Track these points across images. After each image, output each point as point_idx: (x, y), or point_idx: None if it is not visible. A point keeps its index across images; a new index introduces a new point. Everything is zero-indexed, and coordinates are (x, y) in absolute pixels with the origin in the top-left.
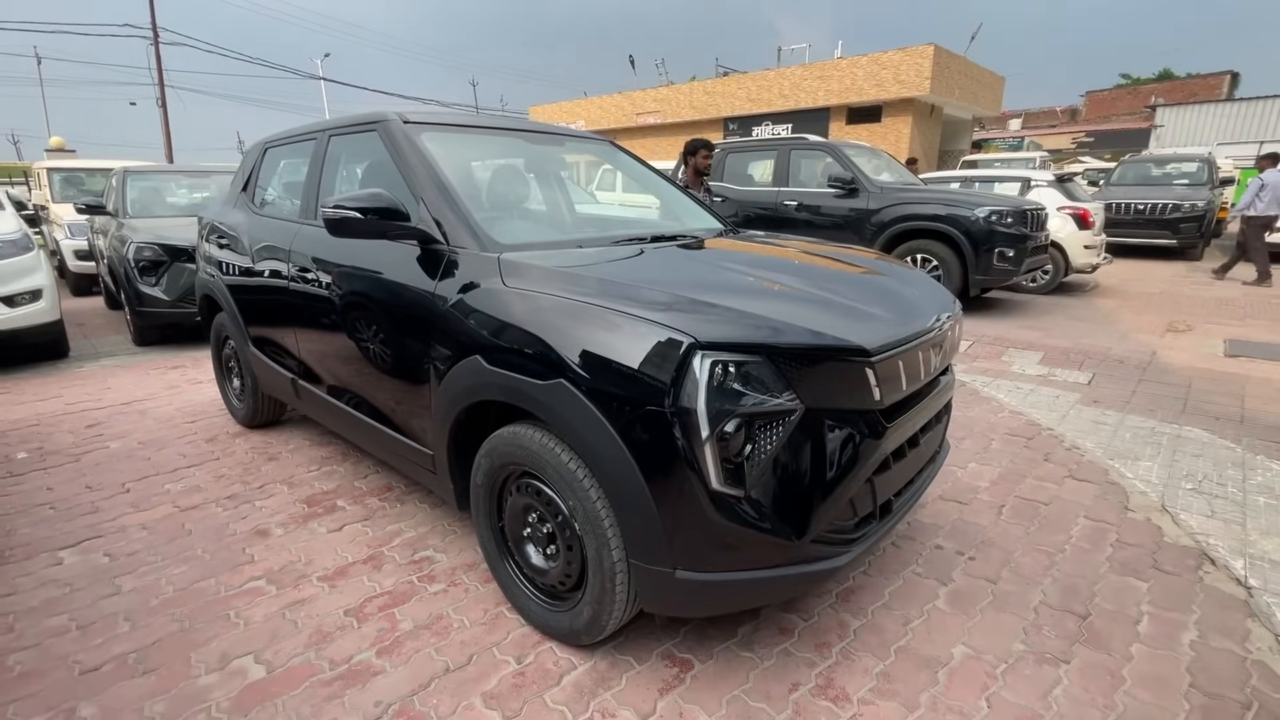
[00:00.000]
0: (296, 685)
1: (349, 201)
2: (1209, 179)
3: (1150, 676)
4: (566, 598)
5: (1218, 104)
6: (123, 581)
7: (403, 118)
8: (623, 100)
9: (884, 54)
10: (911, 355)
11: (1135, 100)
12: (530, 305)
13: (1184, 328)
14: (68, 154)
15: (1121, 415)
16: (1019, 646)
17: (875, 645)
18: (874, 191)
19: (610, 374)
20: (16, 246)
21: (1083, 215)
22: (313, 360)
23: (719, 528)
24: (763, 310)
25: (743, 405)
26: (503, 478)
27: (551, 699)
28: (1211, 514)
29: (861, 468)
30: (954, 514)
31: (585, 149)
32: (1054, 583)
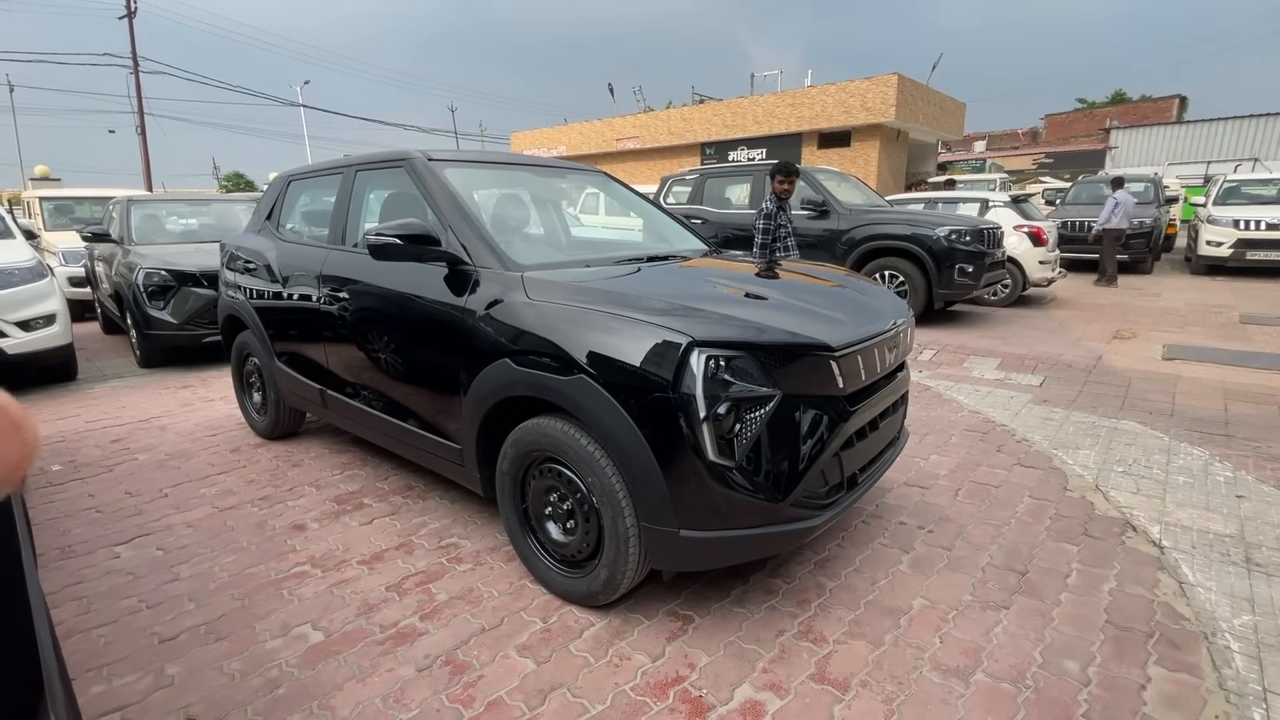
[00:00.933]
0: (353, 645)
1: (389, 230)
2: (1156, 198)
3: (1074, 616)
4: (584, 565)
5: (1168, 126)
6: (180, 570)
7: (427, 155)
8: (602, 126)
9: (851, 82)
10: (869, 352)
11: (1091, 123)
12: (552, 314)
13: (1129, 335)
14: (53, 182)
15: (1067, 412)
16: (967, 598)
17: (847, 600)
18: (843, 213)
19: (623, 369)
20: (32, 273)
21: (1037, 233)
22: (342, 371)
23: (715, 493)
24: (746, 315)
25: (732, 392)
26: (526, 464)
27: (575, 648)
28: (1137, 491)
29: (830, 443)
30: (916, 496)
31: (584, 180)
32: (999, 549)
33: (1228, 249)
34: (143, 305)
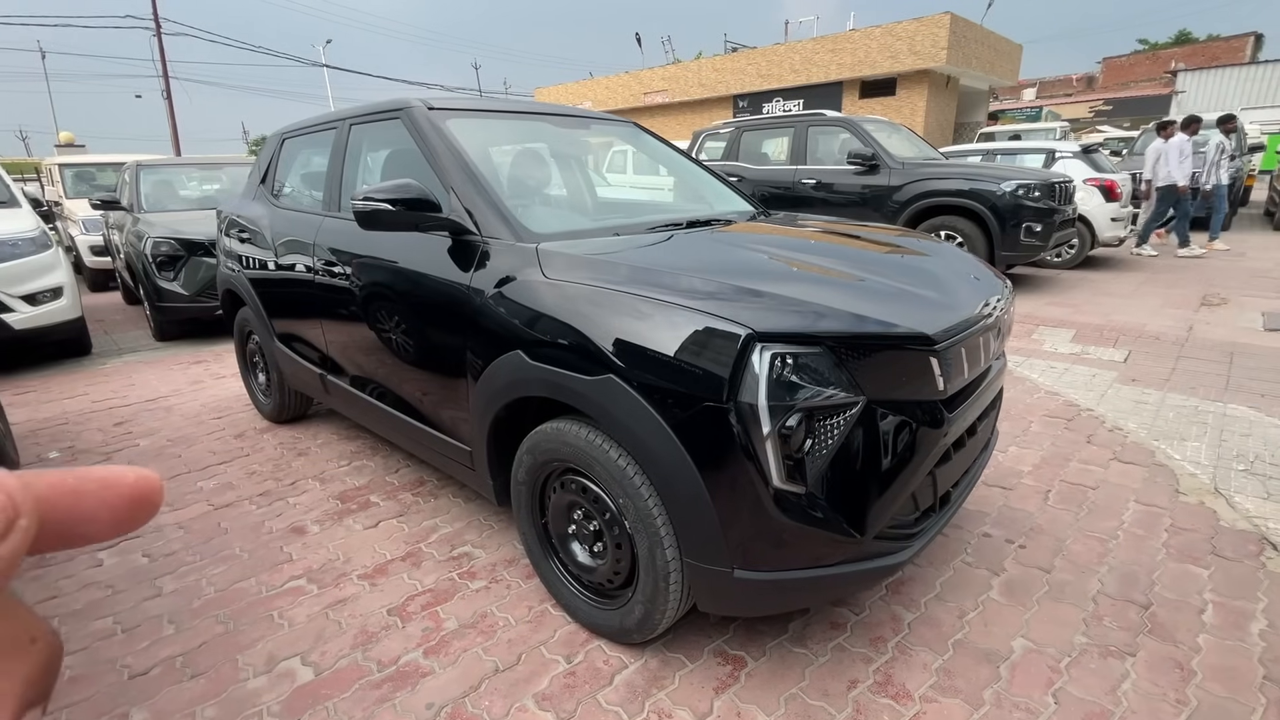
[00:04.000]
0: (346, 688)
1: (378, 193)
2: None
3: (1221, 669)
4: (615, 595)
5: (1241, 68)
6: (163, 583)
7: (427, 104)
8: (630, 80)
9: (898, 24)
10: (973, 341)
11: (1154, 66)
12: (574, 297)
13: (1218, 301)
14: (78, 149)
15: (1162, 394)
16: (1081, 639)
17: (932, 639)
18: (895, 168)
19: (663, 368)
20: (35, 244)
21: (1110, 187)
22: (342, 355)
23: (780, 526)
24: (816, 298)
25: (804, 399)
26: (545, 475)
27: (605, 699)
28: (1267, 495)
29: (925, 460)
30: (999, 500)
31: (609, 131)
32: (1110, 571)
33: None
34: (152, 276)
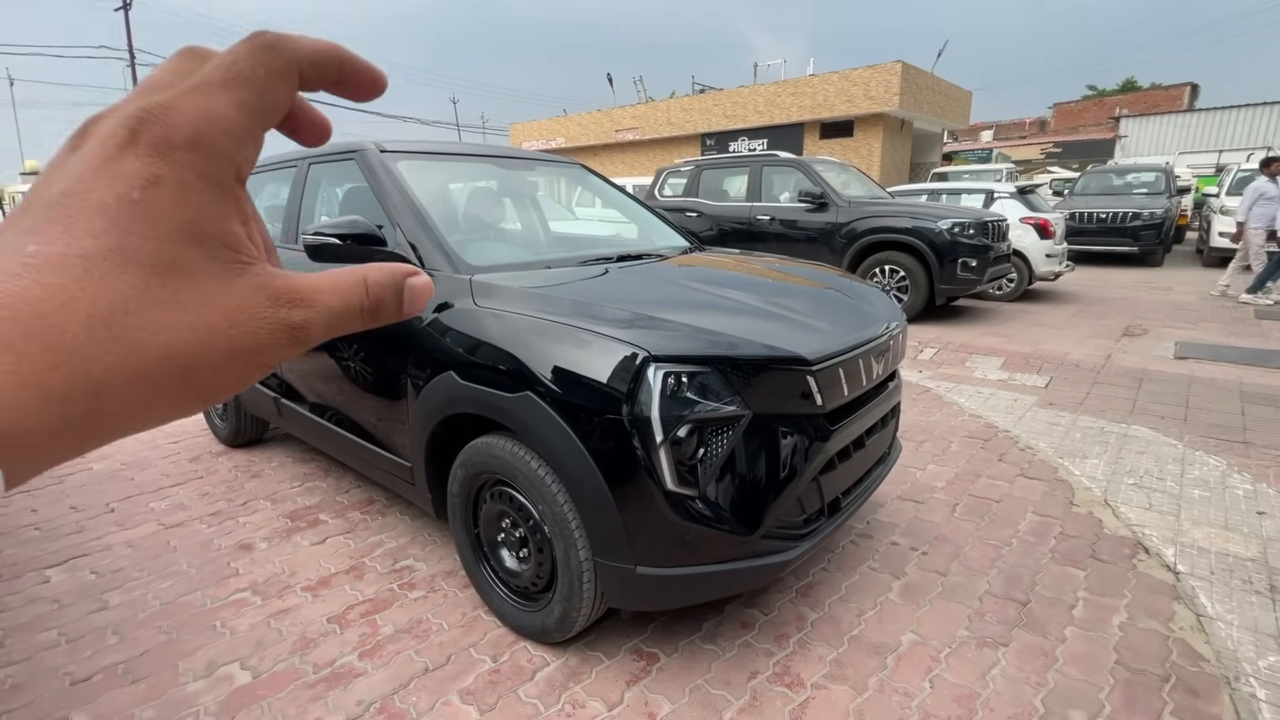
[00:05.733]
0: (281, 689)
1: (328, 228)
2: (1167, 188)
3: (1080, 656)
4: (538, 598)
5: (1179, 114)
6: (110, 597)
7: (380, 147)
8: (601, 118)
9: (854, 70)
10: (853, 363)
11: (1101, 111)
12: (500, 324)
13: (1139, 332)
14: None
15: (1074, 416)
16: (963, 632)
17: (830, 635)
18: (842, 206)
19: (573, 386)
20: None
21: (1044, 225)
22: (294, 379)
23: (676, 526)
24: (713, 324)
25: (694, 412)
26: (477, 486)
27: (525, 693)
28: (1149, 506)
29: (808, 468)
30: (910, 512)
31: (557, 172)
32: (999, 574)
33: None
34: None
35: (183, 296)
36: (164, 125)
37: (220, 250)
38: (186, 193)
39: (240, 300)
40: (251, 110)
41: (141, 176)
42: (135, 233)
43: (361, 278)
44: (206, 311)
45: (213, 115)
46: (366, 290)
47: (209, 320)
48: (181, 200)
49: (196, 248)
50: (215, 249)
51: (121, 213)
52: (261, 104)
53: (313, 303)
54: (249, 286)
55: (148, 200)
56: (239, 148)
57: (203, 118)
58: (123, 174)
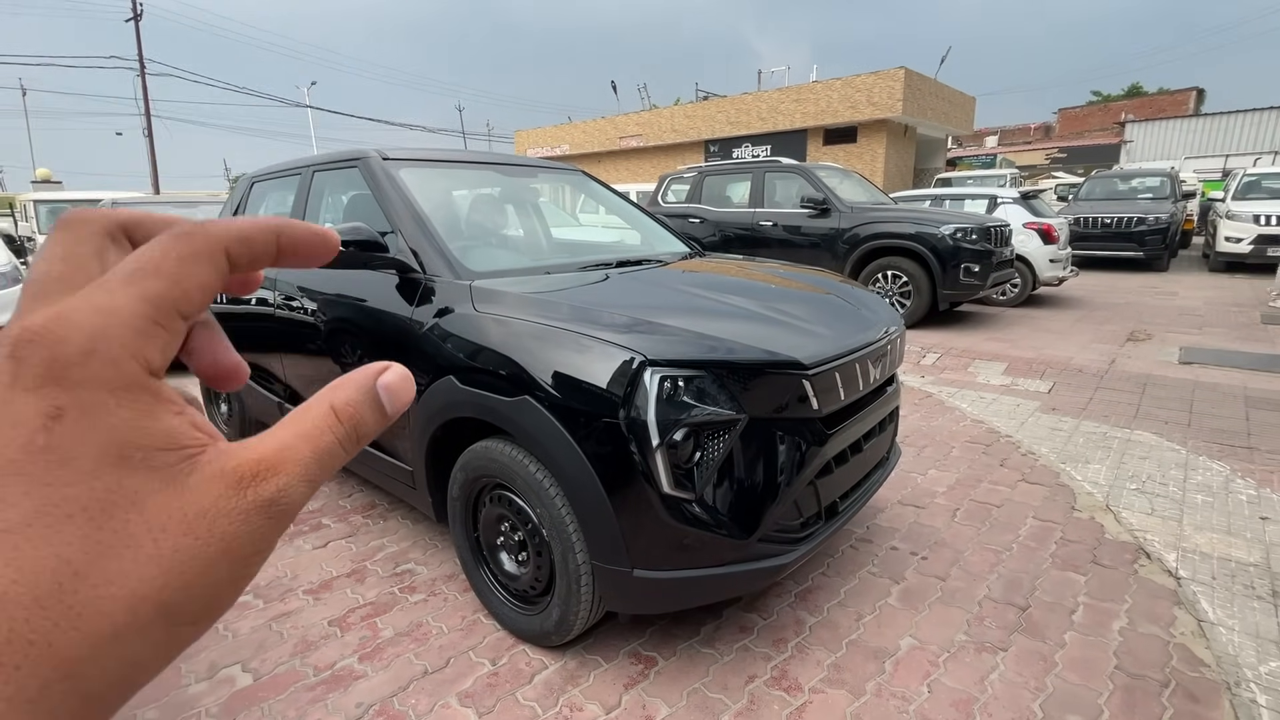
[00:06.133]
0: (282, 690)
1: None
2: (1172, 193)
3: (1080, 660)
4: (537, 602)
5: (1185, 119)
6: None
7: (382, 154)
8: (606, 125)
9: (857, 77)
10: (850, 368)
11: (1106, 116)
12: (499, 329)
13: (1144, 337)
14: (54, 185)
15: (1077, 421)
16: (961, 637)
17: (828, 639)
18: (845, 211)
19: (570, 390)
20: (5, 278)
21: (1047, 230)
22: (298, 384)
23: (672, 529)
24: (711, 329)
25: (690, 416)
26: (477, 490)
27: (523, 696)
28: (1151, 511)
29: (804, 471)
30: (911, 517)
31: (558, 179)
32: (999, 579)
33: (1247, 245)
34: None
35: (133, 529)
36: (50, 345)
37: (156, 456)
38: (96, 414)
39: (199, 503)
40: (158, 299)
41: (41, 415)
42: (55, 482)
43: (327, 407)
44: (166, 535)
45: (109, 313)
46: (338, 418)
47: (172, 544)
48: (93, 425)
49: (129, 469)
50: (150, 458)
51: (32, 465)
52: (173, 291)
53: (281, 465)
54: (204, 481)
55: (55, 440)
56: (145, 341)
57: (97, 320)
58: (20, 419)
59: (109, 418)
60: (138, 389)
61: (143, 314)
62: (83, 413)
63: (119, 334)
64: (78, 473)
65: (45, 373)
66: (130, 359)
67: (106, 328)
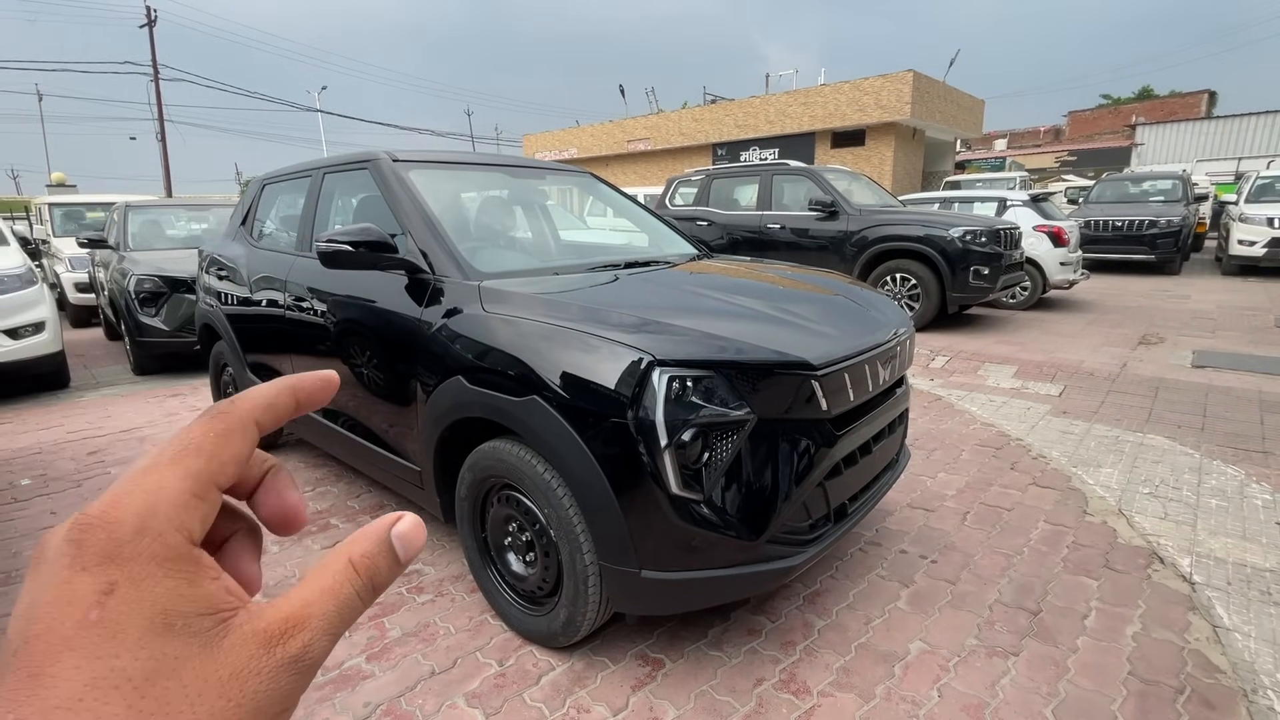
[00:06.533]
0: None
1: (341, 235)
2: (1184, 195)
3: (1092, 666)
4: (544, 602)
5: (1196, 122)
6: None
7: (392, 156)
8: (614, 128)
9: (865, 80)
10: (859, 369)
11: (1117, 119)
12: (507, 329)
13: (1156, 340)
14: (69, 189)
15: (1089, 425)
16: (972, 641)
17: (837, 643)
18: (853, 214)
19: (578, 390)
20: (21, 280)
21: (1057, 233)
22: None
23: (680, 530)
24: (719, 329)
25: (699, 416)
26: (485, 490)
27: (530, 697)
28: (1165, 516)
29: (813, 473)
30: (920, 521)
31: (566, 181)
32: (1010, 583)
33: (1261, 248)
34: (134, 312)
35: (171, 697)
36: (105, 527)
37: (196, 621)
38: (145, 585)
39: (232, 664)
40: (199, 474)
41: (95, 592)
42: (104, 655)
43: (345, 561)
44: (203, 700)
45: (157, 492)
46: (356, 571)
47: (207, 708)
48: (141, 595)
49: (171, 636)
50: (190, 623)
51: (84, 639)
52: (211, 465)
53: (306, 621)
54: (237, 643)
55: (107, 615)
56: (188, 515)
57: (147, 499)
58: (75, 597)
59: (156, 587)
60: (182, 558)
61: (186, 490)
62: (133, 585)
63: (166, 511)
64: (125, 644)
65: (101, 553)
66: (175, 531)
67: (155, 506)
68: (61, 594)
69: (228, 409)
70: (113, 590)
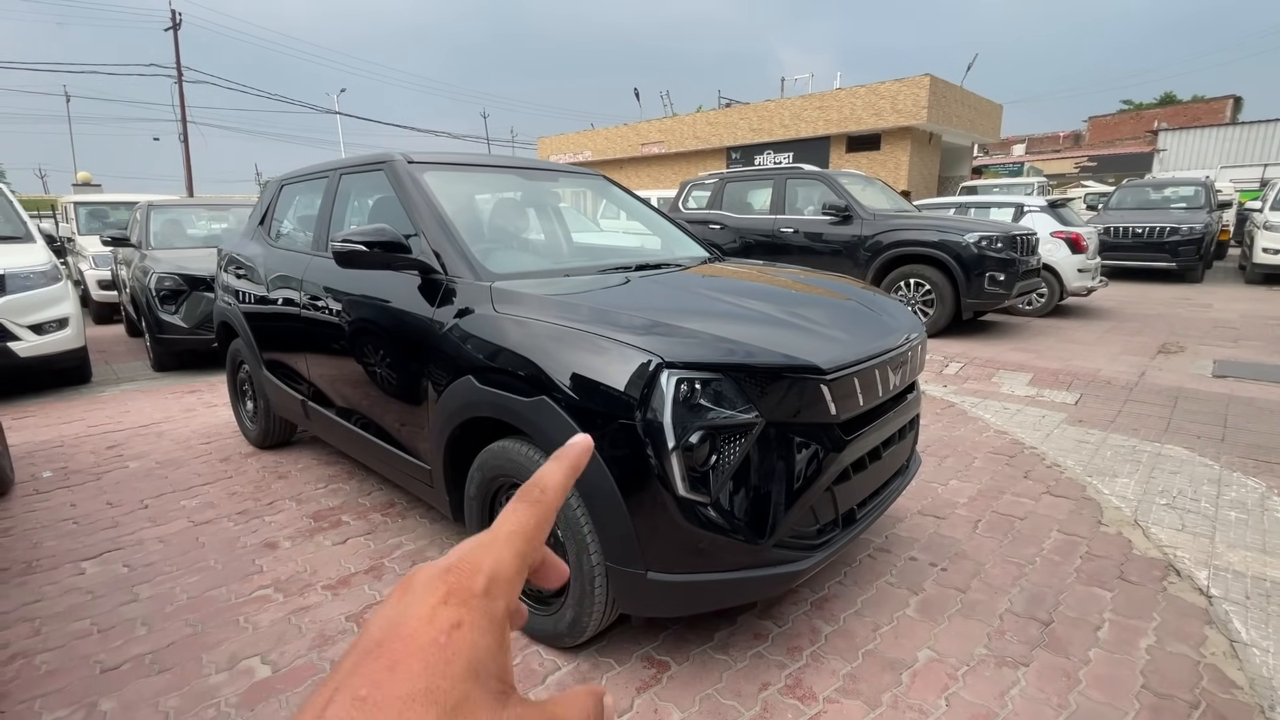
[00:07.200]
0: (300, 683)
1: (356, 236)
2: (1207, 202)
3: (1105, 678)
4: (550, 602)
5: (1221, 128)
6: (140, 589)
7: (407, 158)
8: (628, 131)
9: (881, 84)
10: (869, 374)
11: (1138, 125)
12: (518, 329)
13: (1176, 349)
14: (94, 188)
15: (1105, 434)
16: (981, 650)
17: (844, 649)
18: (867, 219)
19: (587, 391)
20: (46, 277)
21: (1075, 239)
22: (321, 382)
23: (686, 532)
24: (729, 332)
25: (707, 419)
26: (494, 489)
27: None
28: (1182, 527)
29: (821, 477)
30: (931, 528)
31: (579, 183)
32: (1021, 592)
33: None
34: (155, 309)
35: None
36: (469, 578)
37: (492, 683)
38: (477, 633)
39: None
40: (525, 558)
41: (449, 622)
42: (439, 674)
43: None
44: None
45: (500, 565)
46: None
47: None
48: (473, 641)
49: (477, 683)
50: (489, 681)
51: (431, 656)
52: (529, 549)
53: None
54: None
55: (450, 643)
56: (513, 590)
57: (494, 569)
58: (436, 621)
59: (483, 639)
60: (502, 624)
61: (517, 568)
62: (472, 629)
63: (503, 579)
64: (452, 673)
65: (461, 596)
66: (503, 600)
67: (498, 573)
68: (427, 615)
69: (541, 498)
70: (460, 627)
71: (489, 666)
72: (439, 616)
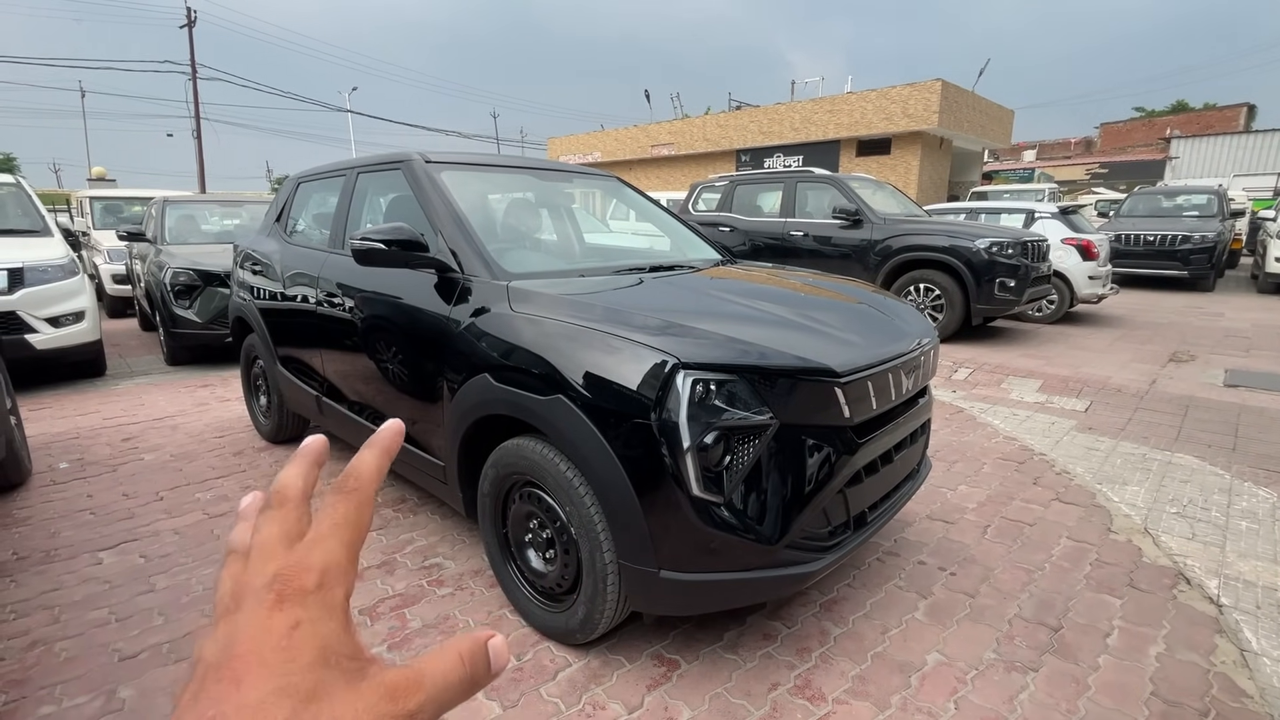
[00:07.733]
0: None
1: (375, 234)
2: (1220, 211)
3: (1114, 685)
4: (563, 599)
5: (1234, 136)
6: (157, 580)
7: (425, 157)
8: (638, 133)
9: (893, 89)
10: (882, 377)
11: (1150, 132)
12: (534, 328)
13: (1187, 358)
14: (108, 183)
15: (1115, 442)
16: (990, 655)
17: (853, 651)
18: (877, 223)
19: (603, 390)
20: (64, 271)
21: (1086, 246)
22: (336, 378)
23: (700, 531)
24: (743, 334)
25: (721, 419)
26: (507, 487)
27: (547, 692)
28: (1192, 536)
29: (834, 480)
30: (940, 532)
31: (593, 185)
32: (1030, 598)
33: None
34: (169, 304)
35: (322, 713)
36: (299, 581)
37: (345, 662)
38: (317, 626)
39: (365, 701)
40: (352, 544)
41: (286, 625)
42: (286, 673)
43: (456, 654)
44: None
45: (331, 560)
46: (463, 663)
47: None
48: (315, 634)
49: (328, 668)
50: (341, 662)
51: (275, 659)
52: (357, 536)
53: (422, 687)
54: (371, 688)
55: (291, 643)
56: (346, 576)
57: (324, 564)
58: (273, 629)
59: (324, 630)
60: (342, 610)
61: (348, 556)
62: (311, 625)
63: (334, 571)
64: (300, 666)
65: (294, 599)
66: (339, 588)
67: (328, 566)
68: (262, 626)
69: (358, 486)
70: (298, 626)
71: (337, 649)
72: (274, 623)
